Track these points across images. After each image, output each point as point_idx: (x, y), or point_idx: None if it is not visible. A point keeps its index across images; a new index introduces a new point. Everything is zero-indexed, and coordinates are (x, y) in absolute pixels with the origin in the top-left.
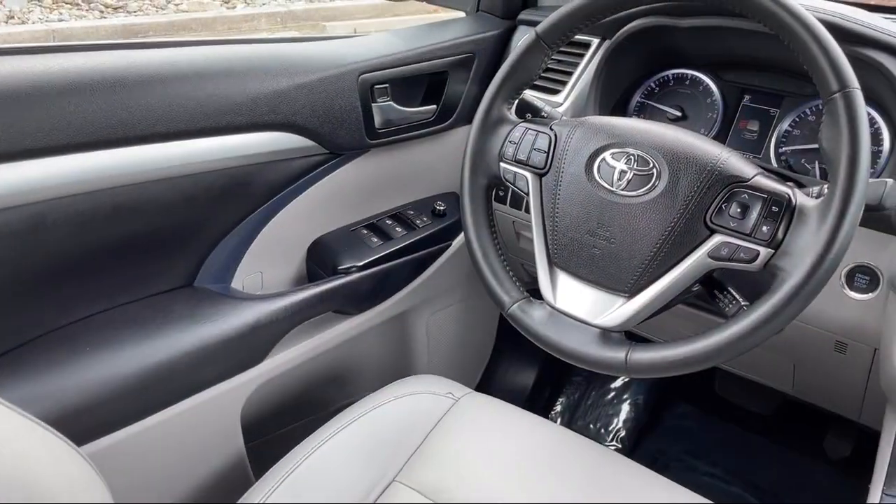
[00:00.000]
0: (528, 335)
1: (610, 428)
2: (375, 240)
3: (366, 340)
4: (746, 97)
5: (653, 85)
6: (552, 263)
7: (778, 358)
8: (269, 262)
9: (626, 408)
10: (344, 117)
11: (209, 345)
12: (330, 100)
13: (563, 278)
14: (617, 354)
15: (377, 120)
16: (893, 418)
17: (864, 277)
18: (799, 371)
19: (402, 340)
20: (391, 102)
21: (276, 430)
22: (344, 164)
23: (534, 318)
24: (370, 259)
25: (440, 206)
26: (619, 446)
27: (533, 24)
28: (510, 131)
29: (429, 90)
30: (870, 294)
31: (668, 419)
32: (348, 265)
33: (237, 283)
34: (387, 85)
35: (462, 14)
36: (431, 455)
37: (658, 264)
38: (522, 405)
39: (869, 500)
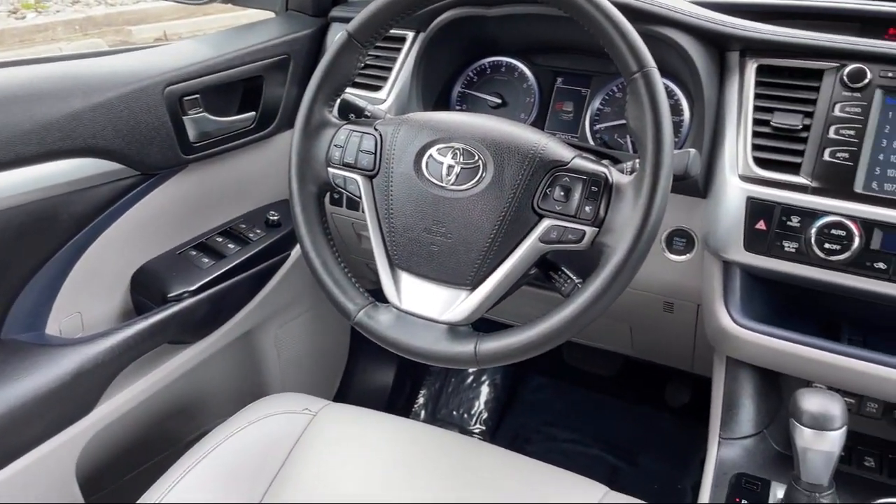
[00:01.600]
0: (377, 340)
1: (473, 412)
2: (207, 260)
3: (210, 367)
4: (559, 80)
5: (471, 74)
6: (393, 265)
7: (616, 324)
8: (88, 301)
9: (485, 390)
10: (153, 135)
11: (26, 402)
12: (134, 117)
13: (406, 278)
14: (466, 348)
15: (191, 134)
16: (720, 366)
17: (681, 240)
18: (635, 333)
19: (251, 360)
20: (205, 114)
21: (123, 476)
22: (160, 184)
23: (381, 322)
24: (203, 281)
25: (273, 216)
26: (484, 428)
27: (346, 20)
28: (334, 134)
29: (245, 97)
30: (688, 255)
31: (526, 394)
32: (179, 291)
33: (53, 328)
34: (197, 95)
35: (272, 14)
36: (294, 476)
37: (494, 254)
38: (384, 406)
39: (708, 442)
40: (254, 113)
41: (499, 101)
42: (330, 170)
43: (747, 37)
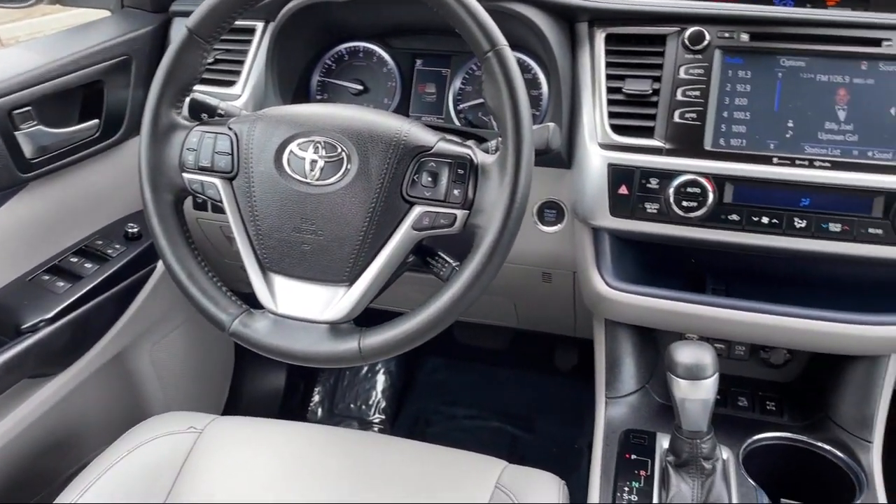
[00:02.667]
0: (256, 349)
1: (370, 402)
2: (62, 283)
3: (82, 396)
4: (419, 62)
5: (329, 62)
6: (265, 268)
7: (500, 299)
8: None
9: (381, 378)
10: None
11: None
12: None
13: (280, 281)
14: (349, 346)
15: (27, 150)
16: (600, 328)
17: (551, 212)
18: (519, 306)
19: (127, 383)
20: (40, 126)
21: None
22: None
23: (258, 329)
24: (61, 307)
25: (133, 229)
26: (383, 416)
27: (188, 14)
28: (186, 137)
29: (86, 104)
30: (559, 225)
31: (422, 377)
32: (34, 321)
33: None
34: (29, 108)
35: (108, 13)
36: (184, 499)
37: (369, 247)
38: (278, 411)
39: (596, 403)
40: (97, 121)
41: (360, 87)
42: (185, 175)
43: (594, 7)
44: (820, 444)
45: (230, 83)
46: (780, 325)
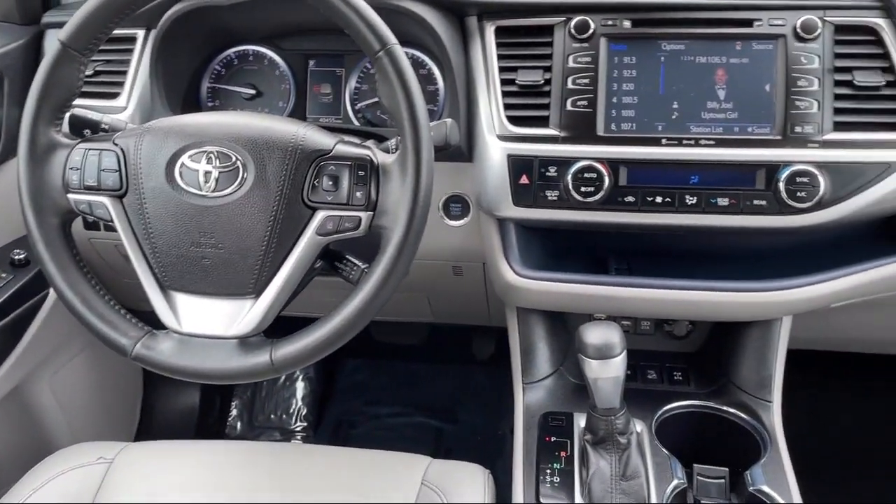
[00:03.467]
0: (163, 371)
1: (291, 411)
2: None
3: None
4: (312, 62)
5: (218, 68)
6: (164, 287)
7: (413, 295)
8: None
9: (300, 386)
10: None
11: None
12: None
13: (183, 299)
14: (261, 359)
15: None
16: (513, 316)
17: (457, 205)
18: (433, 301)
19: (29, 418)
20: None
21: None
22: None
23: (163, 351)
24: None
25: (19, 255)
26: (305, 423)
27: (61, 26)
28: (68, 156)
29: None
30: (465, 219)
31: (343, 379)
32: None
33: None
34: None
35: None
36: None
37: (273, 256)
38: (194, 431)
39: (514, 389)
40: None
41: (253, 91)
42: (70, 196)
43: (482, 1)
44: (725, 407)
45: (113, 95)
46: (680, 299)
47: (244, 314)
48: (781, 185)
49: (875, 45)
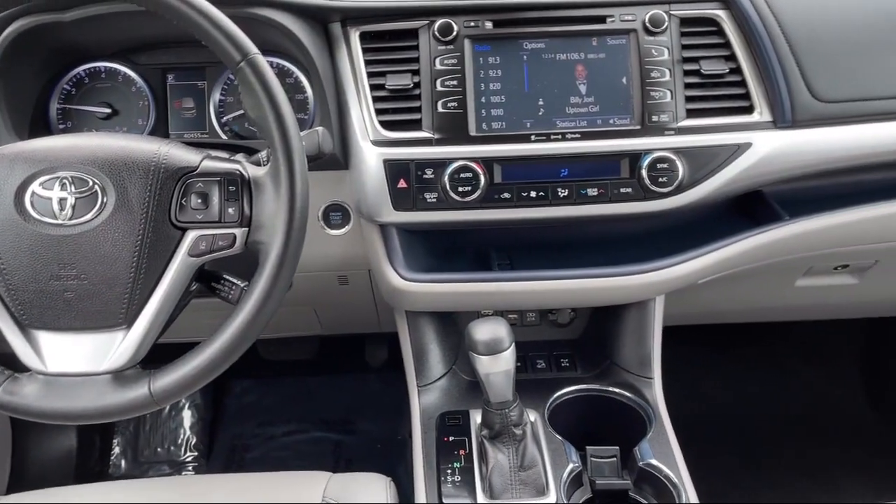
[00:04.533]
0: (29, 416)
1: (179, 441)
2: None
3: None
4: (170, 76)
5: (67, 87)
6: (24, 326)
7: (299, 309)
8: None
9: (187, 414)
10: None
11: None
12: None
13: (46, 337)
14: (138, 392)
15: None
16: (402, 320)
17: (337, 214)
18: (321, 313)
19: None
20: None
21: None
22: None
23: (27, 395)
24: None
25: None
26: (196, 453)
27: None
28: None
29: None
30: (346, 227)
31: (232, 402)
32: None
33: None
34: None
35: None
36: None
37: (143, 283)
38: (73, 475)
39: (409, 393)
40: None
41: (108, 110)
42: None
43: (343, 7)
44: (610, 388)
45: None
46: (560, 288)
47: (116, 347)
48: (644, 172)
49: (717, 36)
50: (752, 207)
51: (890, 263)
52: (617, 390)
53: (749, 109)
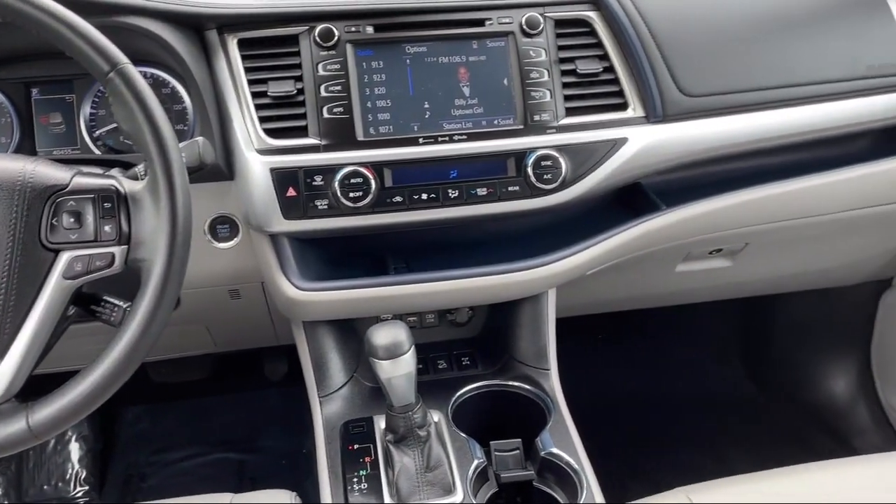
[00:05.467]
0: None
1: (68, 476)
2: None
3: None
4: (35, 91)
5: None
6: None
7: (190, 327)
8: None
9: (75, 446)
10: None
11: None
12: None
13: None
14: (15, 427)
15: None
16: (300, 331)
17: (224, 226)
18: (213, 329)
19: None
20: None
21: None
22: None
23: None
24: None
25: None
26: (87, 487)
27: None
28: None
29: None
30: (235, 239)
31: (123, 431)
32: None
33: None
34: None
35: None
36: None
37: (14, 311)
38: None
39: (311, 405)
40: None
41: None
42: None
43: (218, 14)
44: (510, 382)
45: None
46: (457, 288)
47: None
48: (530, 170)
49: (590, 36)
50: (632, 199)
51: (759, 245)
52: (516, 384)
53: (624, 106)
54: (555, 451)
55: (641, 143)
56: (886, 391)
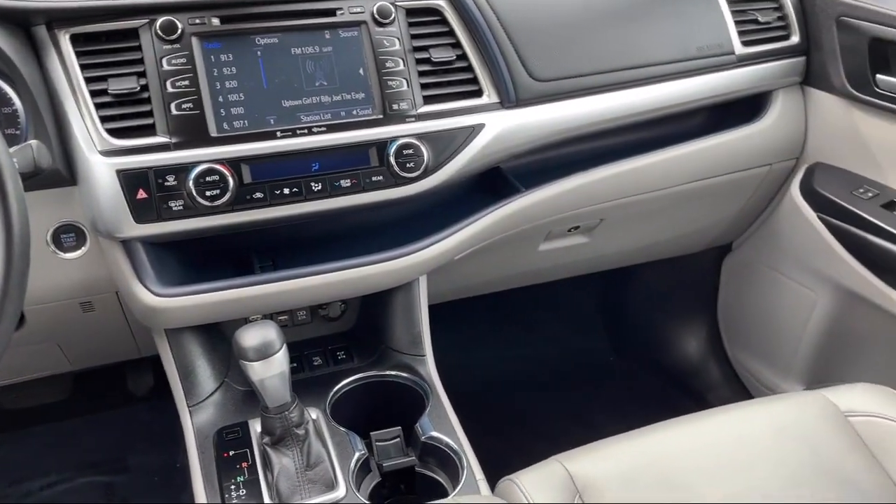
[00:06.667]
0: None
1: None
2: None
3: None
4: None
5: None
6: None
7: (41, 346)
8: None
9: None
10: None
11: None
12: None
13: None
14: None
15: None
16: (162, 340)
17: (69, 235)
18: (67, 347)
19: None
20: None
21: None
22: None
23: None
24: None
25: None
26: None
27: None
28: None
29: None
30: (83, 248)
31: None
32: None
33: None
34: None
35: None
36: None
37: None
38: None
39: (180, 416)
40: None
41: None
42: None
43: (46, 8)
44: (387, 372)
45: None
46: (326, 282)
47: None
48: (392, 160)
49: (442, 25)
50: (493, 184)
51: (612, 220)
52: (393, 373)
53: (479, 93)
54: (434, 434)
55: (498, 128)
56: (733, 348)
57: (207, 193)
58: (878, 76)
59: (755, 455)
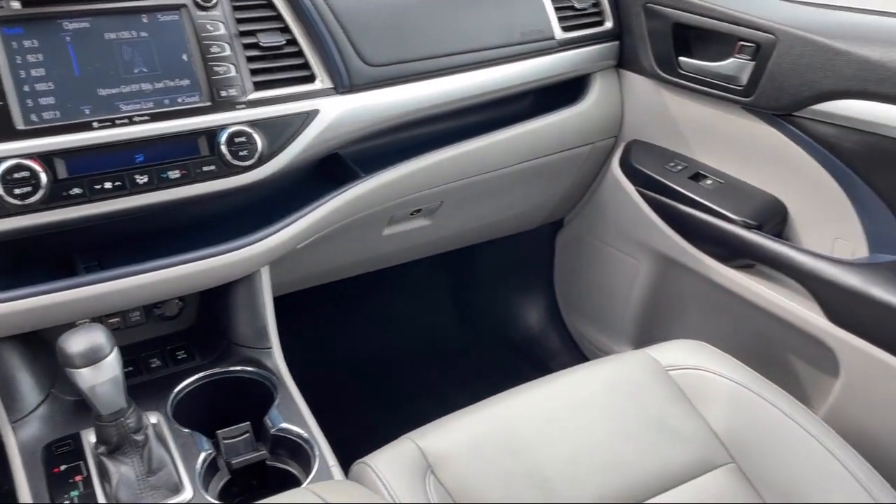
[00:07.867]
0: None
1: None
2: None
3: None
4: None
5: None
6: None
7: None
8: None
9: None
10: None
11: None
12: None
13: None
14: None
15: None
16: None
17: None
18: None
19: None
20: None
21: None
22: None
23: None
24: None
25: None
26: None
27: None
28: None
29: None
30: None
31: None
32: None
33: None
34: None
35: None
36: None
37: None
38: None
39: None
40: None
41: None
42: None
43: None
44: (232, 367)
45: None
46: (159, 280)
47: None
48: (223, 148)
49: (268, 9)
50: (333, 170)
51: (452, 202)
52: (238, 368)
53: (311, 78)
54: (284, 426)
55: (333, 113)
56: (569, 316)
57: (16, 191)
58: (681, 58)
59: (590, 414)
